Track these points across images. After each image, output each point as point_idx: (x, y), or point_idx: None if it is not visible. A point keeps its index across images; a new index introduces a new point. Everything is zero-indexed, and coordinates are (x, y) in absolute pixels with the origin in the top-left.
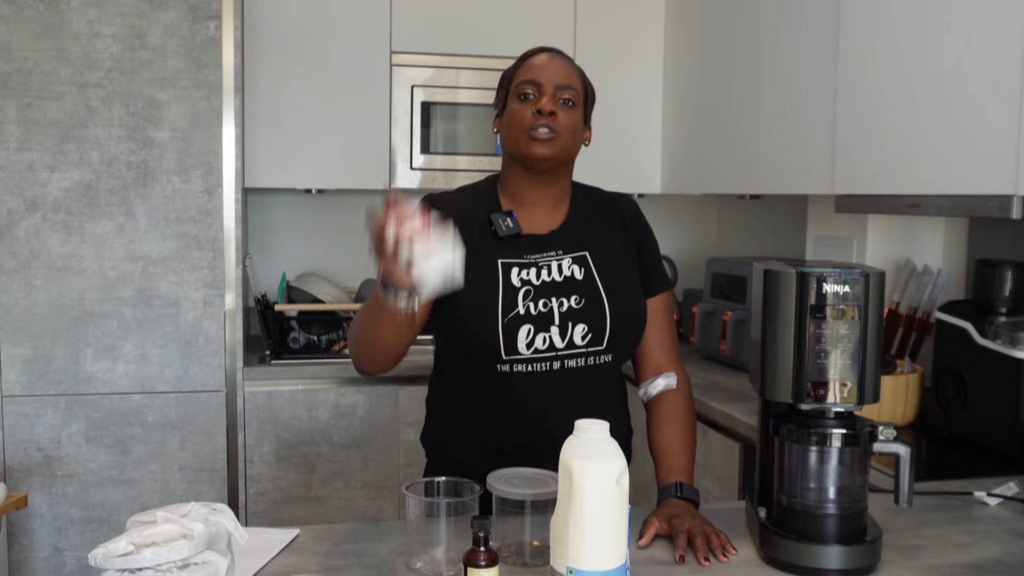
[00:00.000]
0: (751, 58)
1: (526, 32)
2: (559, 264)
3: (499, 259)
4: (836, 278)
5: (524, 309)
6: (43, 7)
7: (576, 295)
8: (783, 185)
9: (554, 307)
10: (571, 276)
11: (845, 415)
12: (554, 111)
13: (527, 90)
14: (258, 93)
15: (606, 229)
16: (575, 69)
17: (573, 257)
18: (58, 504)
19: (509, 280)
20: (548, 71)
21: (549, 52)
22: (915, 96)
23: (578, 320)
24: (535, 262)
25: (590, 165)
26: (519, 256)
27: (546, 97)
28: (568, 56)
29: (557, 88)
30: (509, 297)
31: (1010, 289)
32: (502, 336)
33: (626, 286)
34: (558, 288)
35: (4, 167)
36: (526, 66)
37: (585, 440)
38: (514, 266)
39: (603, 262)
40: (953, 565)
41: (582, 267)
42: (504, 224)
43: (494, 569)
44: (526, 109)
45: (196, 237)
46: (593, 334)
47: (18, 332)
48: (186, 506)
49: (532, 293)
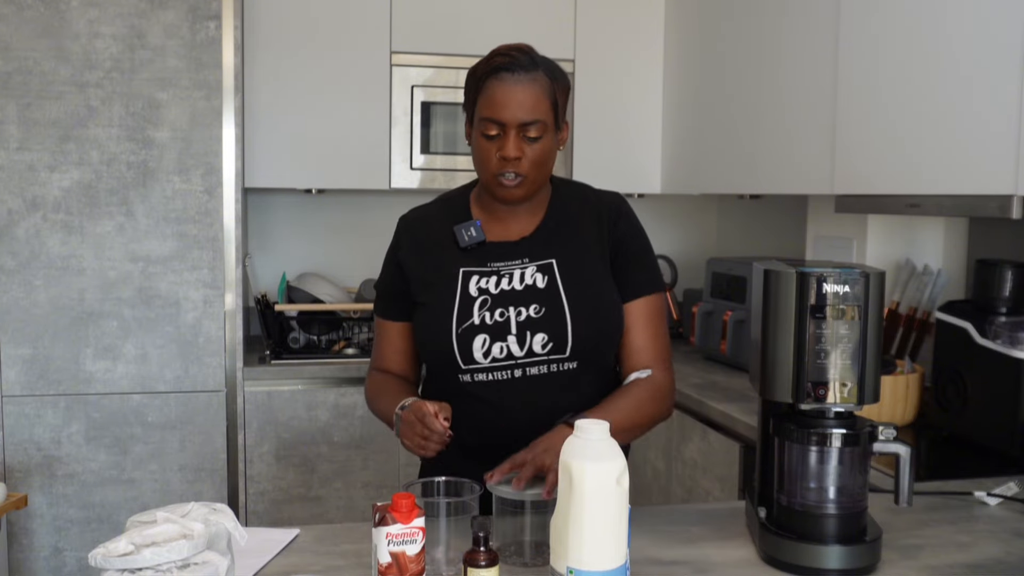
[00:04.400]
0: (751, 58)
1: (526, 32)
2: (522, 272)
3: (461, 268)
4: (836, 278)
5: (479, 319)
6: (43, 7)
7: (536, 304)
8: (783, 185)
9: (511, 316)
10: (533, 285)
11: (845, 415)
12: (519, 156)
13: (491, 131)
14: (258, 93)
15: (581, 232)
16: (542, 87)
17: (538, 265)
18: (58, 504)
19: (467, 290)
20: (512, 108)
21: (513, 72)
22: (915, 96)
23: (537, 329)
24: (498, 271)
25: (590, 165)
26: (483, 265)
27: (510, 141)
28: (535, 64)
29: (521, 126)
30: (465, 307)
31: (1010, 289)
32: (457, 346)
33: (594, 293)
34: (517, 297)
35: (4, 167)
36: (488, 96)
37: (585, 440)
38: (474, 275)
39: (570, 268)
40: (953, 565)
41: (546, 275)
42: (467, 234)
43: (494, 569)
44: (491, 150)
45: (196, 237)
46: (555, 343)
47: (18, 332)
48: (186, 506)
49: (489, 303)
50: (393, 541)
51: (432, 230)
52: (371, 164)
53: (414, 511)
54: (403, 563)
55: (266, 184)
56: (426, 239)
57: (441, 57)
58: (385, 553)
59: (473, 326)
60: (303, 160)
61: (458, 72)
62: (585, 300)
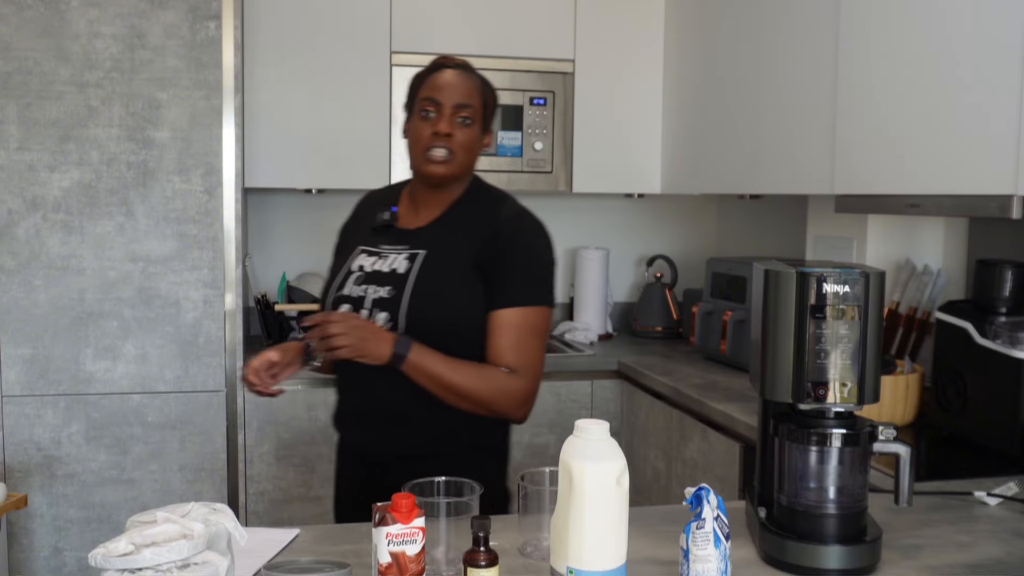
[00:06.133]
0: (751, 58)
1: (526, 32)
2: (396, 257)
3: (359, 245)
4: (836, 278)
5: (349, 291)
6: (43, 7)
7: (390, 286)
8: (783, 185)
9: (369, 294)
10: (395, 269)
11: (845, 415)
12: (451, 132)
13: (427, 107)
14: (258, 93)
15: (465, 236)
16: (477, 85)
17: (410, 253)
18: (58, 504)
19: (351, 264)
20: (449, 90)
21: (453, 68)
22: (915, 96)
23: (383, 308)
24: (380, 252)
25: (590, 165)
26: (375, 246)
27: (444, 118)
28: (472, 70)
29: (456, 107)
30: (344, 279)
31: (1010, 289)
32: (330, 310)
33: (441, 289)
34: (380, 278)
35: (4, 167)
36: (429, 83)
37: (585, 440)
38: (364, 253)
39: (434, 263)
40: (953, 565)
41: (411, 263)
42: (380, 217)
43: (494, 569)
44: (425, 127)
45: (196, 237)
46: (392, 323)
47: (18, 332)
48: (186, 506)
49: (360, 279)
50: (393, 541)
51: (368, 208)
52: (371, 164)
53: (414, 511)
54: (403, 563)
55: (266, 184)
56: (364, 216)
57: None
58: (385, 553)
59: (341, 296)
60: (303, 160)
61: None
62: (433, 293)
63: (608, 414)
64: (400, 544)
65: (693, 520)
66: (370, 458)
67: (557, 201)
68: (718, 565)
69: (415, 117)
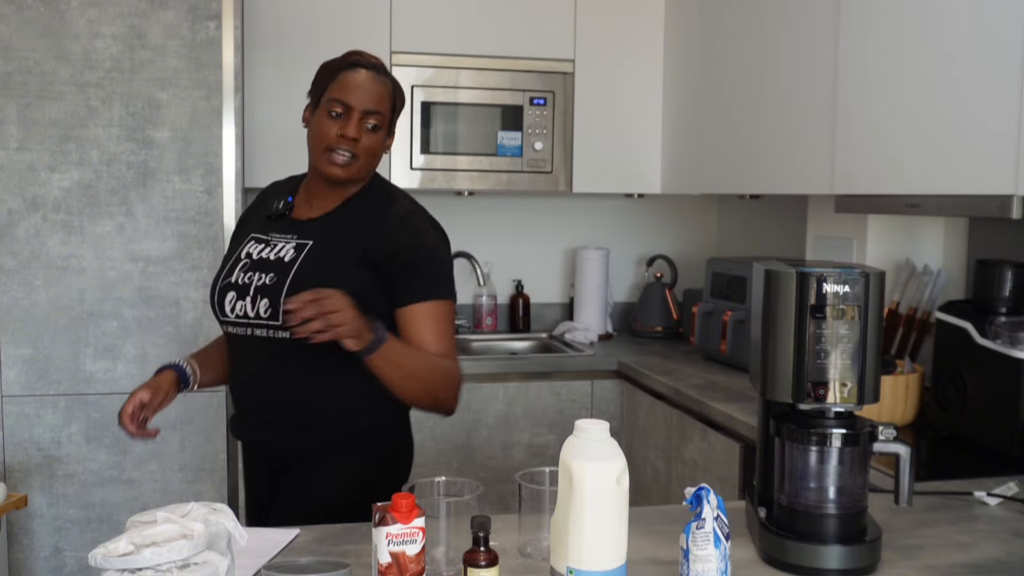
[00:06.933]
0: (751, 58)
1: (526, 32)
2: (284, 246)
3: (251, 233)
4: (836, 278)
5: (235, 278)
6: (43, 7)
7: (273, 274)
8: (783, 185)
9: (254, 281)
10: (281, 258)
11: (845, 415)
12: (357, 137)
13: (336, 109)
14: (258, 93)
15: (354, 230)
16: (387, 89)
17: (297, 243)
18: (58, 504)
19: (240, 252)
20: (360, 94)
21: (367, 70)
22: (915, 96)
23: (264, 295)
24: (269, 240)
25: (590, 165)
26: (265, 234)
27: (352, 123)
28: (385, 72)
29: (365, 113)
30: (232, 266)
31: (1010, 289)
32: (216, 298)
33: (328, 280)
34: (265, 265)
35: (4, 167)
36: (341, 82)
37: (585, 440)
38: (253, 240)
39: (320, 254)
40: (953, 565)
41: (297, 253)
42: (275, 206)
43: (494, 569)
44: (332, 127)
45: (196, 237)
46: (272, 310)
47: (18, 332)
48: (186, 506)
49: (247, 266)
50: (393, 541)
51: (266, 198)
52: None
53: (414, 511)
54: (403, 563)
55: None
56: (260, 205)
57: (441, 57)
58: (385, 553)
59: (228, 283)
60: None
61: (458, 72)
62: (311, 279)
63: (608, 414)
64: (400, 544)
65: (693, 520)
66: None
67: (557, 201)
68: (718, 565)
69: (321, 112)
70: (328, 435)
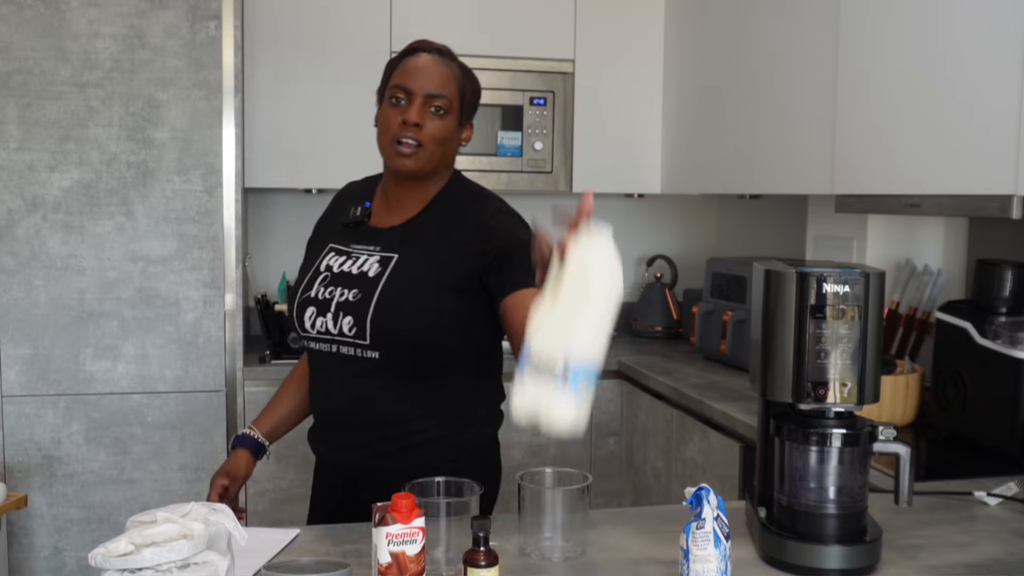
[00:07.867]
0: (750, 58)
1: (526, 32)
2: (367, 259)
3: (330, 243)
4: (836, 278)
5: (316, 292)
6: (43, 7)
7: (356, 289)
8: (783, 185)
9: (335, 296)
10: (365, 272)
11: (845, 415)
12: (419, 122)
13: (398, 95)
14: (258, 93)
15: (442, 244)
16: (453, 73)
17: (382, 256)
18: (58, 504)
19: (320, 264)
20: (421, 78)
21: (429, 53)
22: (915, 97)
23: (348, 312)
24: (350, 252)
25: (590, 165)
26: (346, 245)
27: (414, 107)
28: (451, 56)
29: (427, 97)
30: (312, 279)
31: (1010, 289)
32: (296, 312)
33: (419, 294)
34: (348, 280)
35: (4, 167)
36: (402, 68)
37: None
38: (333, 251)
39: (409, 267)
40: (953, 565)
41: (382, 266)
42: (353, 213)
43: (494, 569)
44: (395, 115)
45: (196, 237)
46: (358, 328)
47: (18, 332)
48: (186, 506)
49: (328, 279)
50: (393, 541)
51: (343, 202)
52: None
53: (414, 511)
54: (403, 563)
55: (266, 184)
56: (337, 209)
57: None
58: (385, 553)
59: (308, 298)
60: (303, 160)
61: None
62: (404, 299)
63: (608, 414)
64: (400, 544)
65: (693, 520)
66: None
67: (557, 201)
68: (718, 565)
69: (385, 102)
70: (426, 458)
